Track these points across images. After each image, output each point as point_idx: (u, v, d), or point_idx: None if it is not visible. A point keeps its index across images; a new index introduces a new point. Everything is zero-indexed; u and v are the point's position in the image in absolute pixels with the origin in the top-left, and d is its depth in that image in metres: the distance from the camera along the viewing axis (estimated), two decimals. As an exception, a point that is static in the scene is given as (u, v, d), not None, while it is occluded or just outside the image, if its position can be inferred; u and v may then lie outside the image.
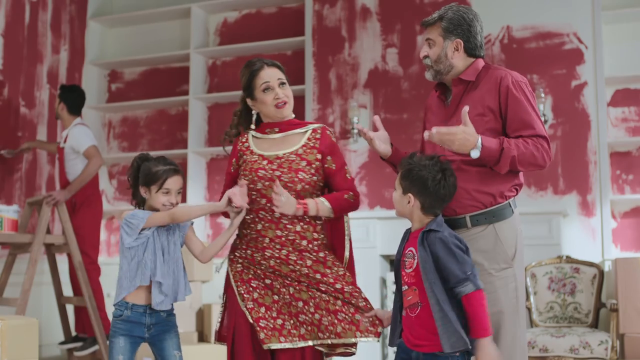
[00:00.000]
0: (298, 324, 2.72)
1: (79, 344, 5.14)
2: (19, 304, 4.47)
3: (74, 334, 5.28)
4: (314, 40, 5.91)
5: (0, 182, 5.58)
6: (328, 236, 2.88)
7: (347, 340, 2.68)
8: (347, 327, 2.67)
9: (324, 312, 2.69)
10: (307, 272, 2.72)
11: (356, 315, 2.69)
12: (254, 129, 2.92)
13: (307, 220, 2.76)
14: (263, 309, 2.73)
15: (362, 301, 2.73)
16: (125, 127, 6.69)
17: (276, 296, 2.74)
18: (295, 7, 6.20)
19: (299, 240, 2.74)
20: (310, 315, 2.70)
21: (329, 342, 2.69)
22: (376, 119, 2.84)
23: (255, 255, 2.77)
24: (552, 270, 4.82)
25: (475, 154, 2.49)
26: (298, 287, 2.73)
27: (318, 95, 5.83)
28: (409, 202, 2.49)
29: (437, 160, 2.49)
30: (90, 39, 6.60)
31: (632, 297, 4.53)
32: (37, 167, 5.95)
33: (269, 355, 2.74)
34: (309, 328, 2.70)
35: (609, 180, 5.12)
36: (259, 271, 2.77)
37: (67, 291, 5.27)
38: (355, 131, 5.58)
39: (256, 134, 2.90)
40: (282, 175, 2.74)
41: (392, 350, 4.92)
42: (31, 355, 3.02)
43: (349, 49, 5.82)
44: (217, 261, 5.55)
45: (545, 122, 5.18)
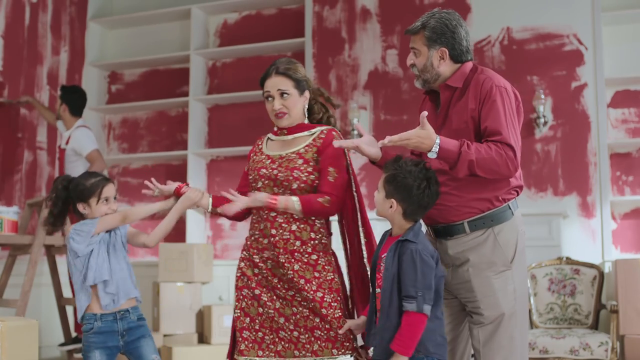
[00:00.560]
0: (277, 339, 2.74)
1: (78, 345, 5.13)
2: (18, 305, 4.47)
3: (73, 335, 5.27)
4: (314, 41, 5.91)
5: (0, 184, 5.58)
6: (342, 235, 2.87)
7: (324, 357, 2.68)
8: (324, 344, 2.69)
9: (302, 329, 2.71)
10: (292, 276, 2.71)
11: (330, 332, 2.69)
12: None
13: (304, 219, 2.75)
14: (248, 320, 2.76)
15: (338, 312, 2.70)
16: (125, 129, 6.69)
17: (261, 309, 2.76)
18: (295, 8, 6.20)
19: (292, 240, 2.74)
20: (289, 333, 2.72)
21: None
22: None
23: (255, 257, 2.78)
24: (552, 272, 4.82)
25: (432, 155, 2.46)
26: (284, 302, 2.74)
27: (318, 96, 5.82)
28: (390, 207, 2.49)
29: (423, 167, 2.45)
30: (90, 40, 6.60)
31: (632, 299, 4.53)
32: (37, 169, 5.95)
33: None
34: (286, 345, 2.72)
35: (609, 181, 5.12)
36: (255, 276, 2.78)
37: (67, 292, 5.26)
38: (355, 132, 5.58)
39: (272, 136, 2.93)
40: (279, 174, 2.76)
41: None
42: (31, 357, 3.01)
43: (349, 50, 5.82)
44: (217, 262, 5.55)
45: (545, 123, 5.19)
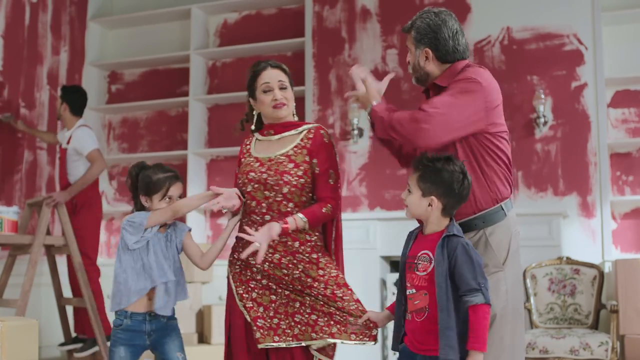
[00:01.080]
0: (293, 324, 2.71)
1: (78, 345, 5.13)
2: (18, 305, 4.47)
3: (73, 335, 5.27)
4: (314, 41, 5.91)
5: (0, 183, 5.58)
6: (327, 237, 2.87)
7: (342, 340, 2.67)
8: (343, 329, 2.67)
9: (320, 313, 2.69)
10: (298, 276, 2.71)
11: (349, 318, 2.68)
12: (253, 129, 2.94)
13: None
14: (262, 309, 2.73)
15: (353, 304, 2.71)
16: (125, 129, 6.69)
17: (274, 296, 2.74)
18: (295, 8, 6.19)
19: (290, 242, 2.73)
20: (307, 316, 2.70)
21: (325, 342, 2.67)
22: (388, 77, 2.74)
23: (250, 259, 2.75)
24: (552, 272, 4.82)
25: (368, 111, 2.60)
26: (293, 290, 2.73)
27: (318, 96, 5.83)
28: (429, 205, 2.41)
29: (453, 160, 2.42)
30: (90, 40, 6.60)
31: (632, 299, 4.53)
32: (37, 168, 5.95)
33: (264, 354, 2.75)
34: (303, 329, 2.70)
35: (609, 181, 5.12)
36: (254, 274, 2.77)
37: (67, 292, 5.26)
38: (356, 132, 5.57)
39: (259, 136, 2.91)
40: (268, 178, 2.74)
41: (392, 353, 4.91)
42: (31, 357, 3.01)
43: (349, 50, 5.82)
44: (217, 262, 5.53)
45: (545, 123, 5.19)
